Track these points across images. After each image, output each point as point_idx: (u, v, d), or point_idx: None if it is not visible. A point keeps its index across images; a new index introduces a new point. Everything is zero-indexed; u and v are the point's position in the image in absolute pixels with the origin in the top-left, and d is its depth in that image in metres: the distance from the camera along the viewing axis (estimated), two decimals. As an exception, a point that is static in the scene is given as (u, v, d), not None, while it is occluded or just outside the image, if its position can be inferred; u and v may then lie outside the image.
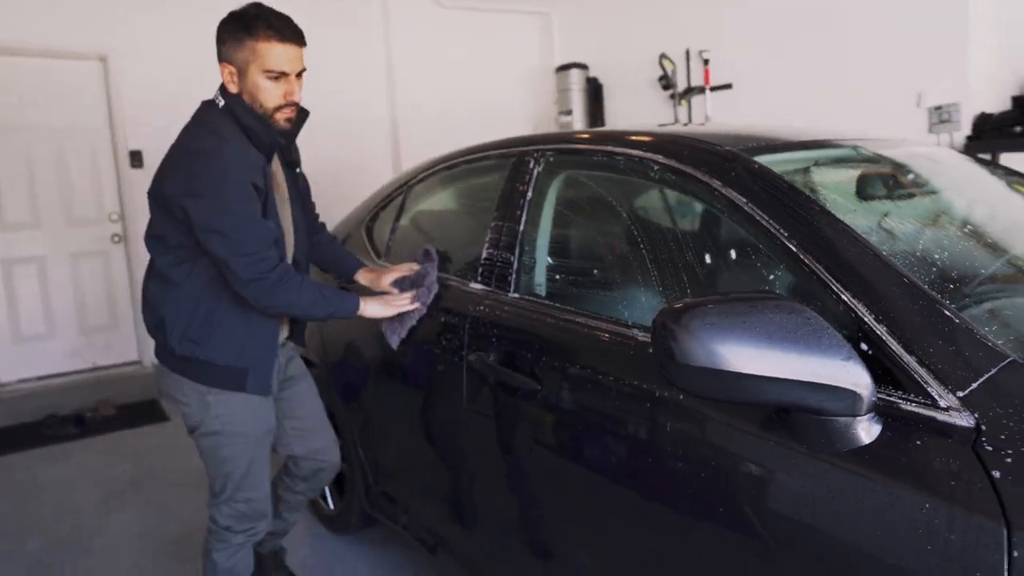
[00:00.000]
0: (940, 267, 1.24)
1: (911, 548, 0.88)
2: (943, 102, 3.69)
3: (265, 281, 1.58)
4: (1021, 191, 1.88)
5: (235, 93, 1.63)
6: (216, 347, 1.68)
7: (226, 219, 1.53)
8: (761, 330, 0.97)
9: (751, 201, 1.28)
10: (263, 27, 1.58)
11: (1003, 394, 0.91)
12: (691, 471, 1.19)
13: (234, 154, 1.57)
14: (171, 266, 1.67)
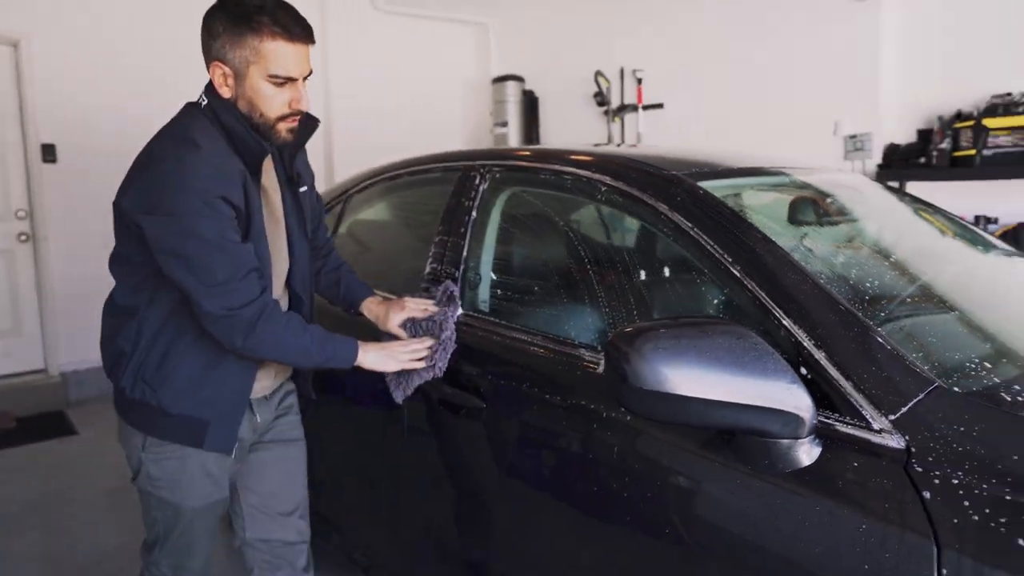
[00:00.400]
0: (865, 291, 1.32)
1: (849, 566, 0.93)
2: (857, 131, 3.92)
3: (235, 319, 1.31)
4: (926, 218, 2.02)
5: (227, 98, 1.37)
6: (172, 392, 1.42)
7: (189, 241, 1.27)
8: (711, 355, 1.00)
9: (696, 226, 1.32)
10: (269, 22, 1.31)
11: (930, 418, 0.97)
12: (636, 491, 1.21)
13: (203, 161, 1.30)
14: (130, 292, 1.44)
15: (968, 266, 1.77)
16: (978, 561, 0.84)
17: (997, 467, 0.90)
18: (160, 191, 1.28)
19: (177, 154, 1.30)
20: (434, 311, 1.67)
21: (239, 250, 1.32)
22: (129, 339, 1.44)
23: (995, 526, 0.85)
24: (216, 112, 1.37)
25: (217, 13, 1.35)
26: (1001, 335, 1.33)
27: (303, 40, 1.35)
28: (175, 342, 1.42)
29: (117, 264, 1.46)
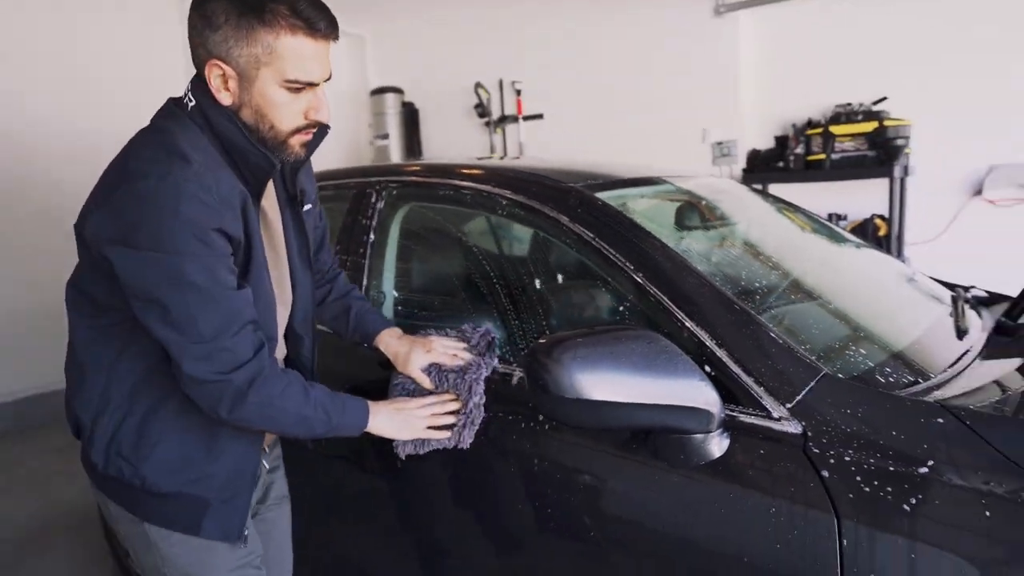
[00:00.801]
0: (751, 289, 1.43)
1: (763, 545, 1.00)
2: (723, 138, 4.22)
3: (223, 384, 1.05)
4: (788, 216, 2.21)
5: (227, 105, 1.09)
6: (157, 466, 1.14)
7: (171, 286, 1.00)
8: (625, 360, 1.05)
9: (598, 236, 1.38)
10: (288, 13, 1.04)
11: (821, 403, 1.07)
12: (559, 497, 1.24)
13: (195, 179, 1.02)
14: (94, 341, 1.15)
15: (829, 259, 1.95)
16: (872, 527, 0.94)
17: (880, 443, 1.00)
18: (137, 217, 0.99)
19: (160, 169, 1.01)
20: (467, 359, 1.38)
21: (234, 298, 1.05)
22: (91, 403, 1.15)
23: (883, 495, 0.95)
24: (208, 118, 1.09)
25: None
26: (865, 321, 1.48)
27: (329, 36, 1.09)
28: (157, 407, 1.14)
29: (77, 304, 1.16)
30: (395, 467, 1.48)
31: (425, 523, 1.50)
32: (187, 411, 1.14)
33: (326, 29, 1.07)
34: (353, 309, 1.50)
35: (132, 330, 1.10)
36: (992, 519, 0.90)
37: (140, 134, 1.11)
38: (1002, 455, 0.95)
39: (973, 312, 1.68)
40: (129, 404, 1.14)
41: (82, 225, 1.07)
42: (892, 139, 3.50)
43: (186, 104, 1.10)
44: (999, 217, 3.45)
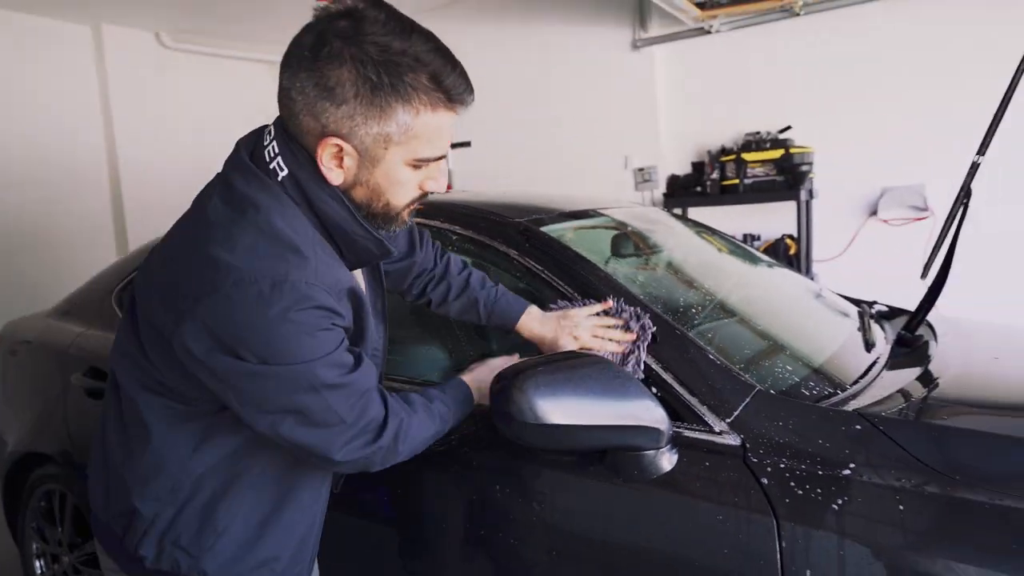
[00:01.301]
0: (687, 312, 1.55)
1: (712, 551, 1.11)
2: (645, 165, 4.44)
3: (377, 451, 1.00)
4: (711, 241, 2.38)
5: (336, 184, 0.96)
6: (221, 556, 1.04)
7: (308, 394, 0.91)
8: (583, 386, 1.14)
9: (547, 268, 1.47)
10: (431, 86, 0.90)
11: (756, 417, 1.19)
12: (518, 517, 1.31)
13: (316, 285, 0.89)
14: (174, 427, 1.01)
15: (751, 280, 2.12)
16: (807, 526, 1.06)
17: (808, 450, 1.13)
18: (254, 330, 0.86)
19: (272, 269, 0.87)
20: (621, 346, 1.29)
21: (360, 377, 0.97)
22: (158, 498, 1.03)
23: (815, 496, 1.07)
24: (308, 195, 0.94)
25: (344, 63, 0.87)
26: (787, 338, 1.63)
27: (467, 103, 0.96)
28: (226, 492, 1.04)
29: (144, 387, 1.00)
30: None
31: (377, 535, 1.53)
32: (257, 493, 1.06)
33: (468, 98, 0.96)
34: (480, 301, 1.36)
35: (213, 422, 1.01)
36: (904, 511, 1.03)
37: (223, 207, 0.93)
38: (909, 454, 1.09)
39: (877, 326, 1.87)
40: (194, 490, 1.03)
41: (173, 333, 0.90)
42: (797, 165, 3.79)
43: (274, 171, 0.94)
44: (892, 235, 3.79)
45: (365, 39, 0.87)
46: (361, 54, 0.87)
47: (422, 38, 0.90)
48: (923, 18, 3.58)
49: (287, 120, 0.95)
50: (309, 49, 0.89)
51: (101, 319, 2.23)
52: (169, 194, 5.24)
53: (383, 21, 0.89)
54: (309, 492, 1.14)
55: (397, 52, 0.88)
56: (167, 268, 0.96)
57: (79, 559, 2.18)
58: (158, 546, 1.04)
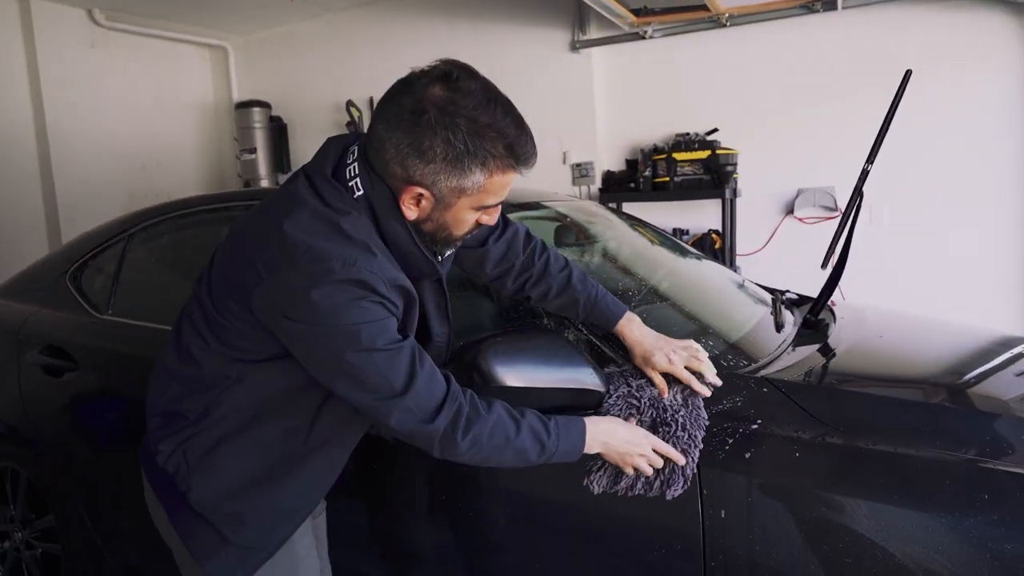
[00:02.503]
0: (621, 294, 1.75)
1: (646, 500, 1.30)
2: (582, 160, 4.66)
3: (433, 432, 1.08)
4: (644, 233, 2.60)
5: (411, 219, 1.12)
6: (205, 486, 1.20)
7: (358, 356, 1.04)
8: (536, 353, 1.32)
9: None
10: (505, 154, 1.06)
11: (682, 382, 1.39)
12: (483, 480, 1.48)
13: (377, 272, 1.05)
14: (224, 364, 1.17)
15: (679, 269, 2.35)
16: (721, 469, 1.26)
17: (722, 408, 1.34)
18: (318, 298, 1.01)
19: (345, 254, 1.03)
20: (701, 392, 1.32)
21: (409, 348, 1.09)
22: (197, 407, 1.20)
23: (727, 446, 1.28)
24: (377, 217, 1.10)
25: (437, 132, 1.02)
26: (709, 318, 1.85)
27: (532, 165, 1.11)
28: (234, 437, 1.20)
29: (210, 330, 1.17)
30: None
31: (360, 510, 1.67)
32: (256, 458, 1.20)
33: (533, 162, 1.11)
34: (580, 301, 1.42)
35: (254, 366, 1.16)
36: (800, 457, 1.25)
37: (308, 200, 1.08)
38: (806, 412, 1.31)
39: (787, 311, 2.12)
40: (217, 421, 1.19)
41: (246, 286, 1.07)
42: (723, 165, 4.07)
43: (352, 189, 1.10)
44: (806, 233, 4.13)
45: (458, 112, 1.03)
46: (453, 126, 1.03)
47: (503, 110, 1.06)
48: (835, 36, 3.92)
49: (375, 159, 1.10)
50: (408, 113, 1.04)
51: (56, 299, 2.25)
52: (101, 174, 5.14)
53: (473, 93, 1.04)
54: (295, 489, 1.24)
55: (483, 125, 1.04)
56: (253, 243, 1.11)
57: (32, 535, 2.21)
58: (174, 447, 1.21)
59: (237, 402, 1.18)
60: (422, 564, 1.59)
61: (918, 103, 3.32)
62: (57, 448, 2.10)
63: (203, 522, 1.21)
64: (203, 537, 1.21)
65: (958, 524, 1.12)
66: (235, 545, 1.22)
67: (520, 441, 1.13)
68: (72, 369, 2.05)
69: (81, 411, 2.06)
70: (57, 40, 4.90)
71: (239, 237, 1.17)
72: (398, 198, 1.10)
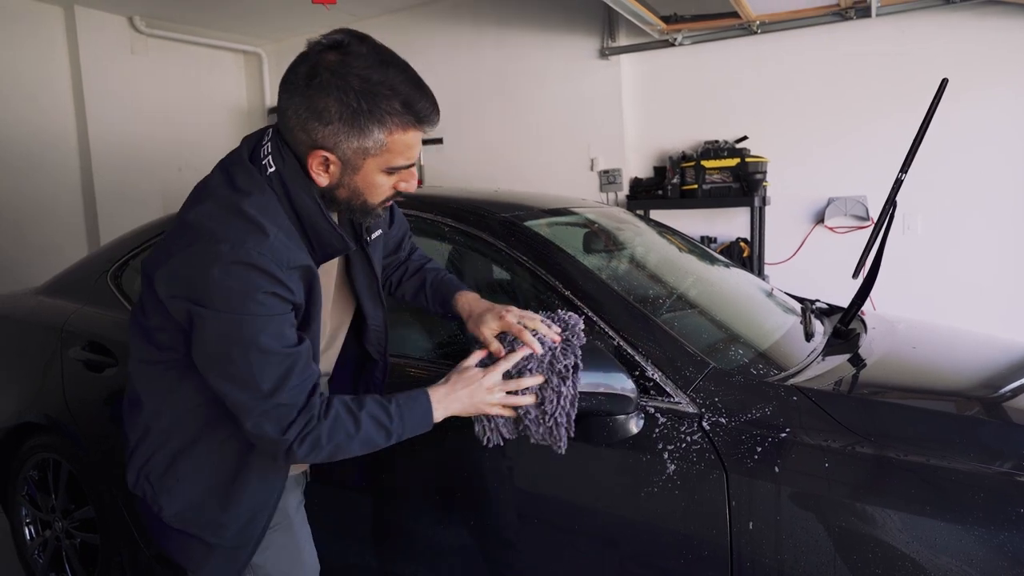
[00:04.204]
0: (653, 300, 1.76)
1: (672, 501, 1.31)
2: (609, 167, 4.66)
3: (281, 443, 1.10)
4: (669, 239, 2.60)
5: (323, 185, 1.13)
6: (174, 502, 1.22)
7: (235, 346, 1.05)
8: (566, 359, 1.33)
9: (532, 259, 1.65)
10: (403, 111, 1.08)
11: (711, 389, 1.40)
12: (510, 485, 1.50)
13: (269, 253, 1.05)
14: (151, 370, 1.20)
15: (709, 277, 2.34)
16: (749, 477, 1.27)
17: (755, 416, 1.34)
18: (208, 278, 1.02)
19: (235, 236, 1.04)
20: (550, 337, 1.28)
21: (292, 355, 1.08)
22: (138, 427, 1.23)
23: (755, 454, 1.28)
24: (288, 191, 1.11)
25: (330, 92, 1.05)
26: (739, 327, 1.86)
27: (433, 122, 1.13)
28: (190, 447, 1.20)
29: (137, 336, 1.21)
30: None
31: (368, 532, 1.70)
32: (216, 460, 1.21)
33: (435, 119, 1.12)
34: (428, 280, 1.49)
35: (185, 371, 1.15)
36: (829, 467, 1.25)
37: (212, 189, 1.11)
38: (836, 420, 1.31)
39: (817, 320, 2.11)
40: (166, 436, 1.21)
41: (152, 270, 1.12)
42: (752, 173, 4.05)
43: (265, 167, 1.11)
44: (837, 242, 4.09)
45: (349, 72, 1.05)
46: (345, 85, 1.05)
47: (398, 69, 1.09)
48: (868, 44, 3.88)
49: (283, 130, 1.13)
50: (303, 78, 1.07)
51: (97, 297, 2.32)
52: (139, 176, 5.26)
53: (365, 55, 1.07)
54: (260, 479, 1.23)
55: (375, 83, 1.06)
56: (171, 231, 1.14)
57: (72, 525, 2.28)
58: (137, 473, 1.24)
59: (176, 415, 1.20)
60: (436, 562, 1.61)
61: (952, 112, 3.28)
62: (97, 441, 2.16)
63: (185, 535, 1.24)
64: (190, 549, 1.25)
65: (992, 538, 1.11)
66: (222, 547, 1.24)
67: (363, 433, 1.14)
68: (112, 365, 2.11)
69: (120, 405, 2.11)
70: (99, 46, 5.04)
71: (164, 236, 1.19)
72: (306, 166, 1.11)
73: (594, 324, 1.52)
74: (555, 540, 1.46)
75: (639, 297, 1.72)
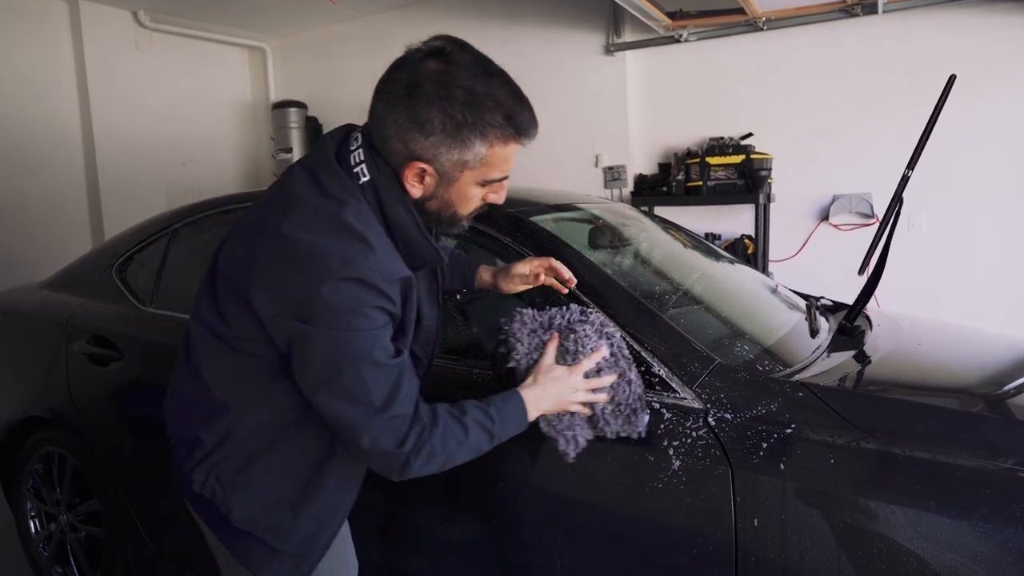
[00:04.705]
0: (660, 297, 1.76)
1: (677, 496, 1.31)
2: (614, 164, 4.65)
3: (396, 457, 1.08)
4: (673, 235, 2.60)
5: (416, 197, 1.11)
6: (243, 505, 1.19)
7: (346, 362, 1.03)
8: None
9: (538, 255, 1.64)
10: (505, 124, 1.05)
11: (716, 384, 1.40)
12: (523, 478, 1.50)
13: (377, 268, 1.03)
14: (237, 376, 1.15)
15: (715, 273, 2.34)
16: (754, 473, 1.27)
17: (760, 412, 1.34)
18: (315, 298, 1.00)
19: (343, 251, 1.01)
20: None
21: (398, 366, 1.08)
22: (218, 431, 1.18)
23: (761, 450, 1.28)
24: (382, 201, 1.09)
25: (433, 103, 1.02)
26: (744, 323, 1.85)
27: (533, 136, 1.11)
28: (266, 452, 1.18)
29: (218, 341, 1.15)
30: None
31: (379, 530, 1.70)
32: (292, 465, 1.19)
33: (534, 132, 1.10)
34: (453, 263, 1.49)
35: (273, 377, 1.13)
36: (835, 463, 1.25)
37: (306, 195, 1.06)
38: (841, 416, 1.30)
39: (822, 317, 2.11)
40: (245, 440, 1.18)
41: (245, 283, 1.06)
42: (757, 170, 4.04)
43: (357, 175, 1.08)
44: (841, 240, 4.08)
45: (453, 82, 1.03)
46: (449, 96, 1.03)
47: (500, 80, 1.07)
48: (874, 41, 3.87)
49: (377, 139, 1.10)
50: (404, 87, 1.04)
51: (102, 291, 2.33)
52: (143, 171, 5.28)
53: (468, 64, 1.05)
54: (335, 487, 1.24)
55: (480, 95, 1.04)
56: (251, 243, 1.09)
57: (77, 518, 2.29)
58: (205, 474, 1.20)
59: (259, 420, 1.17)
60: (446, 560, 1.62)
61: (958, 109, 3.27)
62: (102, 435, 2.17)
63: (251, 538, 1.21)
64: (255, 551, 1.22)
65: (996, 534, 1.11)
66: (286, 554, 1.23)
67: (471, 439, 1.14)
68: (117, 359, 2.12)
69: (125, 400, 2.12)
70: (104, 41, 5.05)
71: (240, 241, 1.14)
72: (401, 176, 1.09)
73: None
74: (559, 536, 1.46)
75: (645, 293, 1.71)
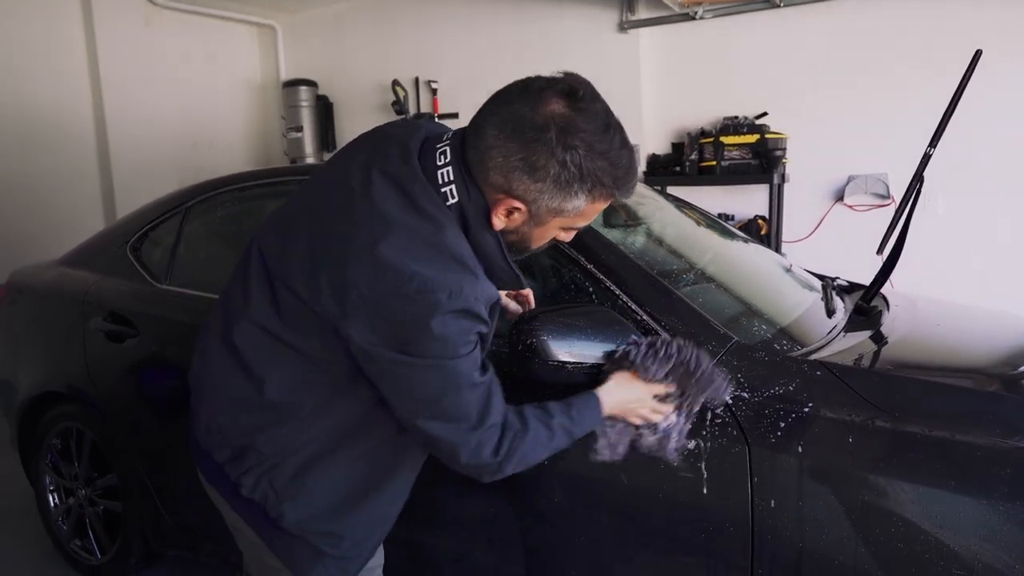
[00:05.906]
0: (675, 273, 1.75)
1: (696, 473, 1.31)
2: (626, 144, 4.61)
3: (494, 465, 1.10)
4: (687, 214, 2.58)
5: (497, 228, 1.08)
6: (297, 510, 1.18)
7: (451, 388, 1.04)
8: (590, 329, 1.33)
9: (553, 233, 1.64)
10: (612, 184, 1.04)
11: (734, 363, 1.39)
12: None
13: (480, 295, 1.02)
14: (299, 388, 1.13)
15: (730, 253, 2.33)
16: (771, 451, 1.26)
17: (778, 391, 1.34)
18: (424, 332, 0.98)
19: (452, 283, 0.98)
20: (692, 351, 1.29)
21: (492, 382, 1.10)
22: (273, 443, 1.16)
23: (779, 429, 1.28)
24: (469, 226, 1.06)
25: (555, 153, 0.99)
26: (757, 302, 1.84)
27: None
28: (322, 457, 1.17)
29: (287, 349, 1.11)
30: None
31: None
32: (348, 472, 1.18)
33: (630, 193, 1.08)
34: None
35: (340, 387, 1.12)
36: (853, 441, 1.24)
37: (400, 214, 1.01)
38: (858, 395, 1.30)
39: (838, 297, 2.09)
40: (304, 445, 1.16)
41: (338, 314, 1.01)
42: (772, 150, 4.00)
43: (445, 196, 1.04)
44: (857, 220, 4.04)
45: (577, 134, 0.99)
46: (572, 148, 0.99)
47: (620, 139, 1.04)
48: (892, 18, 3.80)
49: (474, 161, 1.05)
50: (528, 125, 0.99)
51: (117, 268, 2.34)
52: (154, 150, 5.28)
53: (595, 115, 1.01)
54: (392, 495, 1.25)
55: (598, 153, 1.01)
56: (337, 265, 1.02)
57: (95, 493, 2.32)
58: (257, 479, 1.18)
59: (319, 430, 1.16)
60: (468, 535, 1.63)
61: (976, 88, 3.21)
62: (119, 410, 2.19)
63: (300, 541, 1.20)
64: (301, 554, 1.21)
65: (1016, 513, 1.10)
66: (332, 557, 1.22)
67: (555, 441, 1.16)
68: (133, 335, 2.13)
69: (141, 375, 2.14)
70: (114, 18, 5.03)
71: (313, 251, 1.07)
72: (490, 207, 1.06)
73: (616, 298, 1.51)
74: (577, 514, 1.47)
75: (661, 271, 1.70)
